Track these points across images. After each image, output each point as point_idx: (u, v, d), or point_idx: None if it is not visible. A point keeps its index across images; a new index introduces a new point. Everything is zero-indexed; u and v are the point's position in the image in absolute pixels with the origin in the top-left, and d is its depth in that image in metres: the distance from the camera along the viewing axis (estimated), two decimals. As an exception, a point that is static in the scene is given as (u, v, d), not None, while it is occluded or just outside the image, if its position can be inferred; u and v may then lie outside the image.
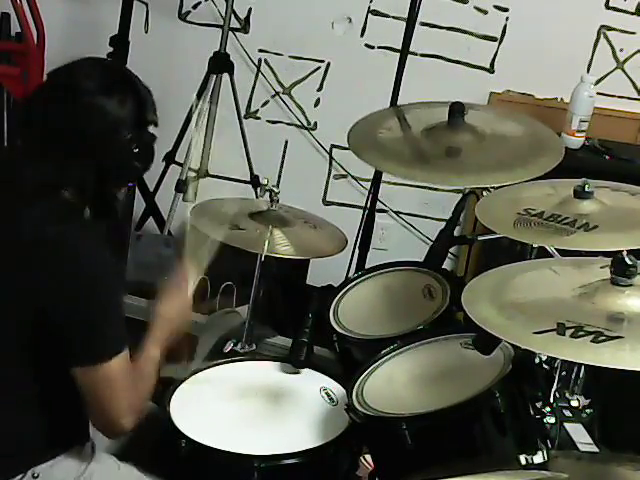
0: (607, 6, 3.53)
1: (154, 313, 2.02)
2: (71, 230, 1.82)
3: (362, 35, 3.65)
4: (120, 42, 3.24)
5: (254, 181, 3.44)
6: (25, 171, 1.84)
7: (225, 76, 3.44)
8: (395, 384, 2.09)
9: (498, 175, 2.20)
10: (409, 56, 3.04)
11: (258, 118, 3.77)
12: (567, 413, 2.12)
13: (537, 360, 2.02)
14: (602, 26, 3.55)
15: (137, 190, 3.37)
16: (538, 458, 1.65)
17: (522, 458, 1.65)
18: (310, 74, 3.72)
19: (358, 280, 2.58)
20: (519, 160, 2.25)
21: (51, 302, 1.79)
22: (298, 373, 2.32)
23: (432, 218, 3.74)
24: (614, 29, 3.56)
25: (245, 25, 3.68)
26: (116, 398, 1.83)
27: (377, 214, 3.22)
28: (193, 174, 3.54)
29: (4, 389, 1.87)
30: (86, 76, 1.86)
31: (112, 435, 1.92)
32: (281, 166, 3.78)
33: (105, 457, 2.01)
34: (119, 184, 1.93)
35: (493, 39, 3.61)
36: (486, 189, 2.25)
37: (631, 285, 1.64)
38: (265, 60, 3.71)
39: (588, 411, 2.14)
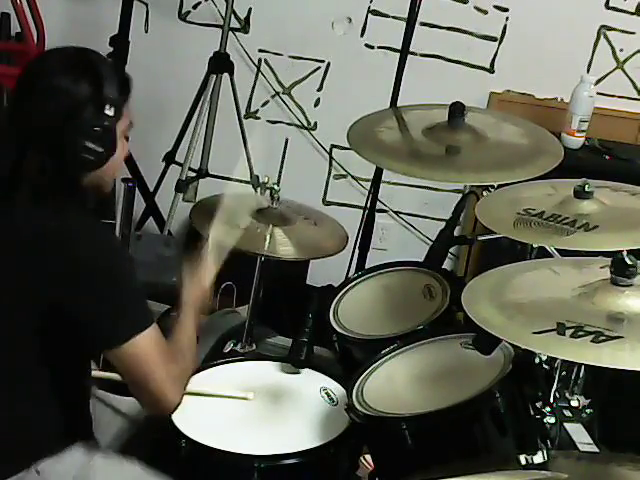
0: (607, 6, 3.54)
1: (181, 294, 2.02)
2: (78, 217, 1.83)
3: (362, 35, 3.65)
4: (120, 42, 3.24)
5: (254, 181, 3.44)
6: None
7: (225, 76, 3.44)
8: (395, 384, 2.09)
9: (497, 174, 2.21)
10: (409, 56, 3.04)
11: (258, 118, 3.77)
12: (567, 413, 2.12)
13: (537, 360, 2.02)
14: (602, 26, 3.56)
15: (137, 190, 3.36)
16: (538, 458, 1.65)
17: (522, 458, 1.65)
18: (310, 74, 3.71)
19: (358, 280, 2.58)
20: (518, 160, 2.26)
21: (67, 290, 1.78)
22: (298, 373, 2.32)
23: (432, 218, 3.74)
24: (614, 29, 3.56)
25: (245, 25, 3.68)
26: (153, 373, 1.81)
27: (377, 214, 3.22)
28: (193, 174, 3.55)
29: (5, 386, 1.87)
30: (45, 60, 1.89)
31: (162, 411, 1.88)
32: (281, 166, 3.78)
33: (108, 453, 2.00)
34: (77, 168, 1.84)
35: (493, 39, 3.61)
36: (486, 189, 2.25)
37: (631, 285, 1.65)
38: (265, 60, 3.71)
39: (588, 411, 2.14)
